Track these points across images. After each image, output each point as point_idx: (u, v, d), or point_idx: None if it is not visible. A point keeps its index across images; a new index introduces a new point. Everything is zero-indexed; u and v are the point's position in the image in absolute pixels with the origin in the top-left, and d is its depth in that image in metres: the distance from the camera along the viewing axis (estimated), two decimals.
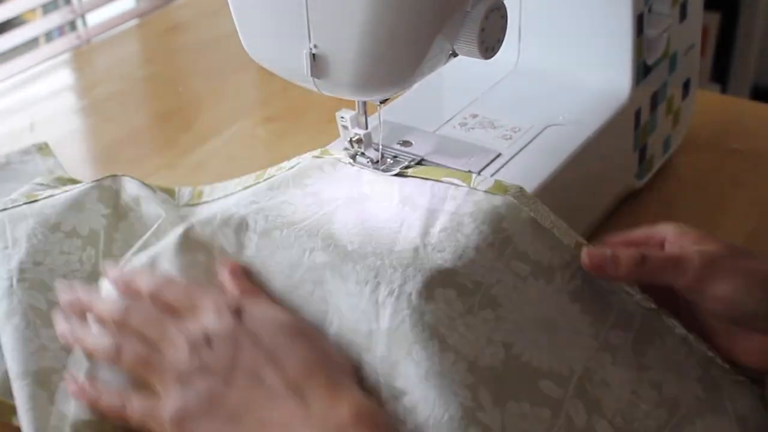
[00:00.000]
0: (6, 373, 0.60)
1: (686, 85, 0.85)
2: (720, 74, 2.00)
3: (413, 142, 0.69)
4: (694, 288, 0.57)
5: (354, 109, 0.65)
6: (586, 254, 0.58)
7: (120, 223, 0.70)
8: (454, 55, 0.60)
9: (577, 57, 0.76)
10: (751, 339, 0.58)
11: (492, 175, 0.65)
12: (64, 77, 1.13)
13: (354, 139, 0.65)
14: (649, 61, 0.76)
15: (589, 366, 0.56)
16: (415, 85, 0.62)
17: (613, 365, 0.57)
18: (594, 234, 0.73)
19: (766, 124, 0.93)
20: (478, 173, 0.65)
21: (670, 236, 0.60)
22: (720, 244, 0.58)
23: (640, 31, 0.74)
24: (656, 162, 0.83)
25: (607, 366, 0.57)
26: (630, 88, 0.74)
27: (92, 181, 0.72)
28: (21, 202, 0.70)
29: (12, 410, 0.59)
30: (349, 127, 0.65)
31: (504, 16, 0.59)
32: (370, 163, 0.65)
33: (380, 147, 0.65)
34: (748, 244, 0.71)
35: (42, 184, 0.77)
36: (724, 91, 1.98)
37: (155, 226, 0.67)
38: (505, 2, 0.59)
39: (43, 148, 0.91)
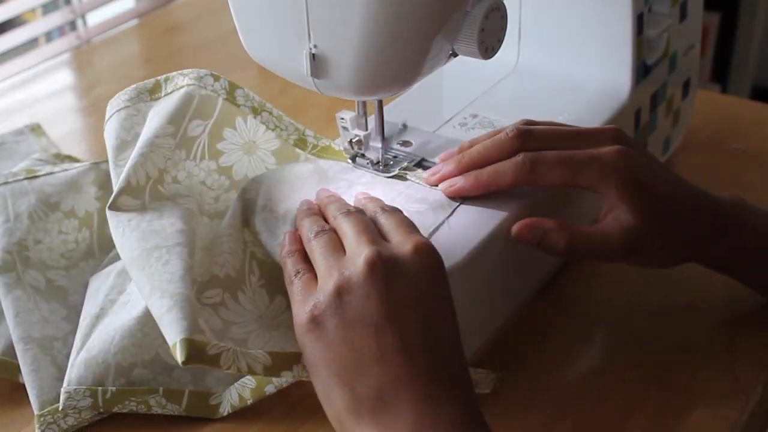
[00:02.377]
0: (10, 335, 0.63)
1: (686, 85, 0.85)
2: (720, 74, 2.00)
3: (413, 143, 0.69)
4: (616, 262, 0.64)
5: (353, 110, 0.65)
6: (516, 229, 0.61)
7: None
8: (454, 55, 0.60)
9: (577, 57, 0.76)
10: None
11: None
12: (64, 77, 1.13)
13: (354, 141, 0.65)
14: (649, 61, 0.76)
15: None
16: (415, 85, 0.62)
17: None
18: None
19: (766, 124, 0.93)
20: None
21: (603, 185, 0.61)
22: (652, 208, 0.61)
23: (640, 31, 0.74)
24: None
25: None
26: (630, 88, 0.74)
27: (90, 162, 0.74)
28: (22, 177, 0.72)
29: (17, 369, 0.62)
30: (349, 128, 0.65)
31: (504, 16, 0.59)
32: (370, 164, 0.65)
33: (380, 147, 0.65)
34: None
35: (41, 160, 0.80)
36: (724, 91, 1.98)
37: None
38: (504, 2, 0.59)
39: (35, 129, 0.92)
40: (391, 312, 0.51)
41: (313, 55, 0.58)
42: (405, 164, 0.66)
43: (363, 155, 0.66)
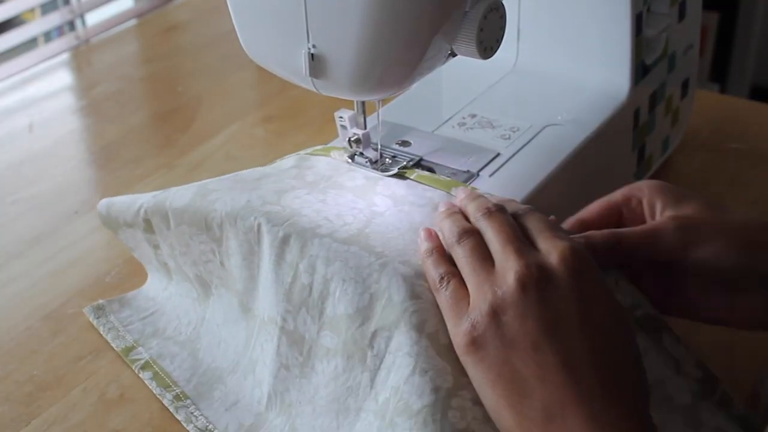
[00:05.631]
0: None
1: (685, 85, 0.85)
2: (719, 74, 2.00)
3: (412, 142, 0.69)
4: (674, 258, 0.56)
5: (352, 109, 0.65)
6: None
7: None
8: (453, 55, 0.60)
9: (576, 56, 0.76)
10: (739, 298, 0.57)
11: (491, 175, 0.65)
12: (63, 77, 1.13)
13: (353, 139, 0.65)
14: (648, 61, 0.76)
15: None
16: (414, 85, 0.62)
17: None
18: None
19: (765, 124, 0.93)
20: (477, 173, 0.66)
21: (647, 196, 0.59)
22: (697, 204, 0.58)
23: (638, 30, 0.74)
24: (655, 162, 0.83)
25: None
26: (629, 87, 0.74)
27: None
28: None
29: None
30: (348, 127, 0.65)
31: (503, 16, 0.59)
32: (368, 163, 0.65)
33: (379, 147, 0.65)
34: None
35: None
36: (722, 90, 1.98)
37: None
38: (503, 2, 0.59)
39: None
40: (549, 329, 0.49)
41: (312, 55, 0.58)
42: (404, 164, 0.66)
43: (362, 154, 0.66)
